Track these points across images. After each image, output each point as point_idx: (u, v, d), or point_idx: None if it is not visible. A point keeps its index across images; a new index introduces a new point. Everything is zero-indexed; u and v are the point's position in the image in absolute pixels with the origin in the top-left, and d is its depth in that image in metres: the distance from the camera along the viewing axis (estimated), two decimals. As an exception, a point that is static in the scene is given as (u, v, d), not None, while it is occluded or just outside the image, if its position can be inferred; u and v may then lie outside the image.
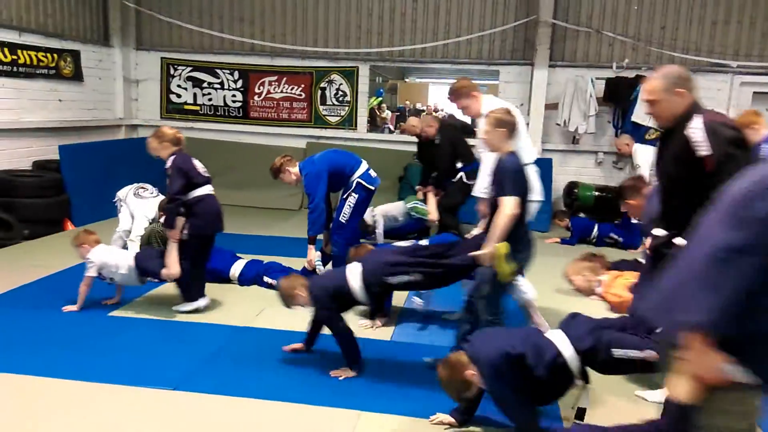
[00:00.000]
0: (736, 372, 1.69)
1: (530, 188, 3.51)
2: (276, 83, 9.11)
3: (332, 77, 8.96)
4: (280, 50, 8.89)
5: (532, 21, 8.25)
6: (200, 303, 4.52)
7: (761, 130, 4.43)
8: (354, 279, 3.48)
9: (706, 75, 8.03)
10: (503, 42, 8.57)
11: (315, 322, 3.77)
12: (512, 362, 2.73)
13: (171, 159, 4.30)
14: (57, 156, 7.27)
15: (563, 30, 8.27)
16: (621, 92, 7.95)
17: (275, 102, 9.16)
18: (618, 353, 2.77)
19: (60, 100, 7.92)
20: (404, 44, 8.69)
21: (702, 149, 2.58)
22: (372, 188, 5.06)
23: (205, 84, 9.27)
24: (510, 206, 3.24)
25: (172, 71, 9.32)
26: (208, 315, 4.50)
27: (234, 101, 9.26)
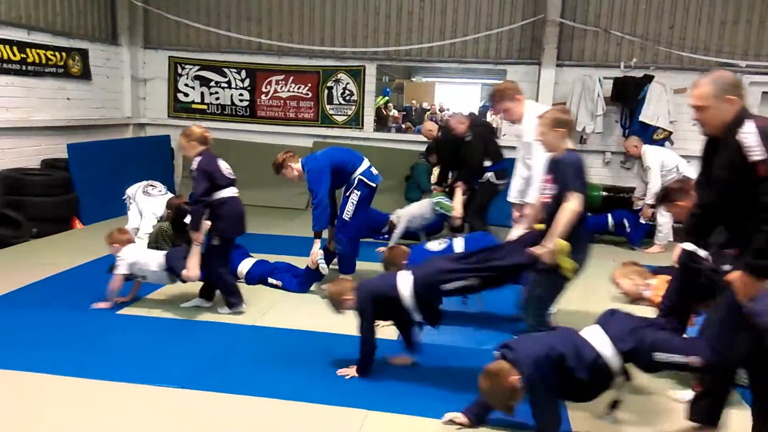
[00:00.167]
0: None
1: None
2: (283, 82, 9.12)
3: (339, 76, 8.97)
4: (287, 49, 8.90)
5: (540, 20, 8.23)
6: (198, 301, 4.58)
7: None
8: (404, 286, 3.40)
9: (715, 75, 7.97)
10: (510, 41, 8.55)
11: (401, 329, 3.72)
12: (553, 365, 2.71)
13: (197, 160, 4.28)
14: (65, 154, 7.31)
15: (571, 29, 8.24)
16: (629, 92, 7.92)
17: (282, 101, 9.17)
18: (660, 357, 2.75)
19: (68, 99, 7.96)
20: (411, 43, 8.68)
21: (756, 154, 2.53)
22: (373, 185, 5.07)
23: (213, 83, 9.29)
24: (574, 202, 3.17)
25: (180, 70, 9.35)
26: (214, 314, 4.51)
27: (241, 100, 9.28)
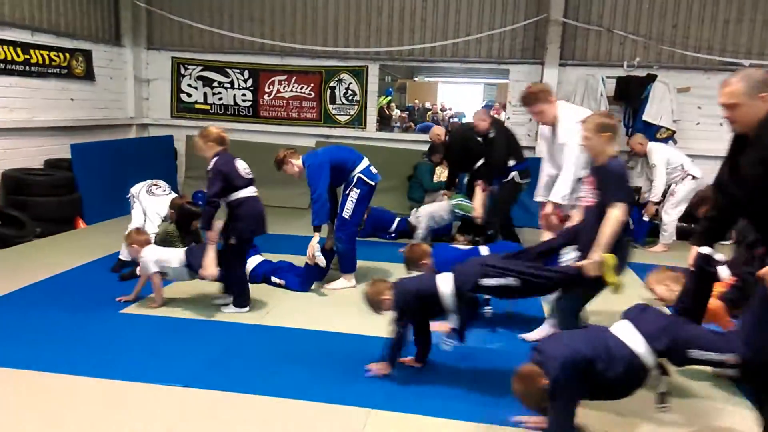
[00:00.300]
0: None
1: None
2: (286, 82, 9.13)
3: (342, 76, 8.97)
4: (290, 50, 8.91)
5: (543, 20, 8.22)
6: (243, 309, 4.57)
7: None
8: (445, 284, 3.36)
9: (719, 74, 7.95)
10: (513, 41, 8.54)
11: (419, 333, 3.68)
12: (580, 369, 2.67)
13: (213, 160, 4.29)
14: (69, 155, 7.33)
15: (574, 28, 8.23)
16: (632, 91, 7.90)
17: (285, 101, 9.18)
18: (695, 354, 2.72)
19: (72, 100, 7.98)
20: (414, 43, 8.68)
21: None
22: (373, 183, 5.14)
23: (216, 83, 9.30)
24: (619, 213, 3.15)
25: (183, 71, 9.36)
26: (218, 313, 4.52)
27: (244, 100, 9.29)
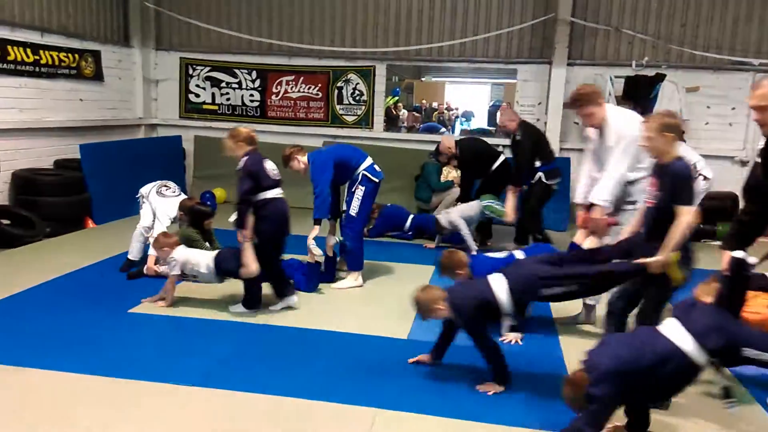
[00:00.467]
0: None
1: None
2: (293, 83, 9.15)
3: (349, 76, 8.98)
4: (298, 50, 8.92)
5: (551, 19, 8.19)
6: (280, 305, 4.61)
7: None
8: (500, 290, 3.33)
9: (727, 73, 7.93)
10: (521, 40, 8.52)
11: (446, 333, 3.66)
12: (623, 376, 2.66)
13: (243, 160, 4.35)
14: (78, 155, 7.37)
15: (582, 28, 8.20)
16: (640, 91, 7.87)
17: (292, 101, 9.20)
18: (749, 353, 2.71)
19: (81, 100, 8.03)
20: (421, 43, 8.67)
21: None
22: (377, 180, 5.24)
23: (224, 84, 9.34)
24: (688, 216, 3.13)
25: (191, 71, 9.40)
26: (226, 313, 4.54)
27: (252, 101, 9.31)
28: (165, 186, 5.59)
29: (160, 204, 5.40)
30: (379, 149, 8.18)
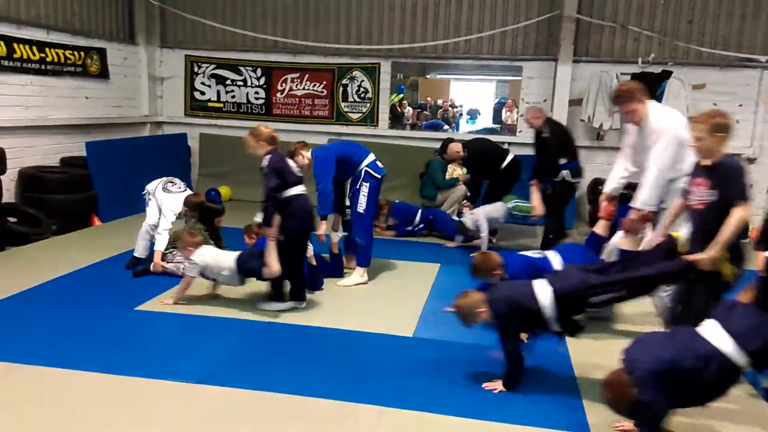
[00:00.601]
0: None
1: None
2: (298, 80, 9.14)
3: (354, 74, 8.97)
4: (302, 47, 8.92)
5: (556, 16, 8.16)
6: (290, 304, 4.58)
7: None
8: (544, 296, 3.27)
9: (734, 70, 7.88)
10: (526, 37, 8.49)
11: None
12: (667, 375, 2.63)
13: (267, 158, 4.38)
14: (84, 152, 7.39)
15: (587, 25, 8.17)
16: (647, 88, 7.82)
17: (297, 99, 9.20)
18: None
19: (87, 98, 8.04)
20: (426, 40, 8.65)
21: None
22: (379, 177, 5.29)
23: (229, 81, 9.34)
24: (743, 211, 3.11)
25: (196, 69, 9.41)
26: (231, 310, 4.54)
27: (257, 98, 9.32)
28: (171, 182, 5.60)
29: (166, 200, 5.41)
30: (384, 147, 8.18)
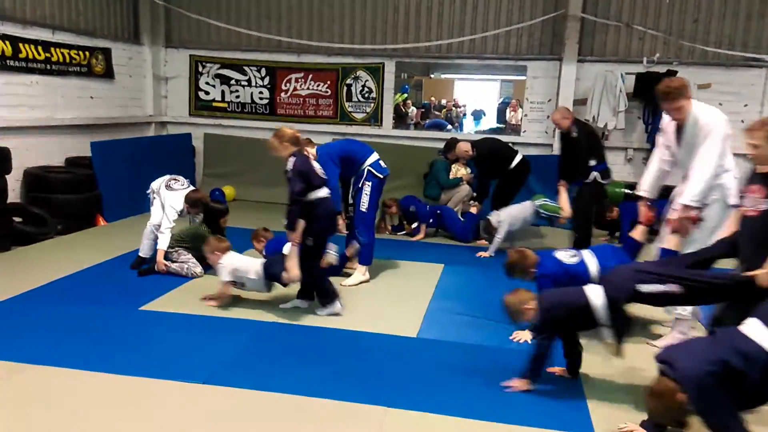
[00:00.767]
0: None
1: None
2: (302, 80, 9.15)
3: (358, 74, 8.97)
4: (307, 47, 8.92)
5: (561, 15, 8.14)
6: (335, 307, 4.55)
7: None
8: (595, 295, 3.25)
9: (739, 70, 7.85)
10: (531, 37, 8.48)
11: (569, 347, 3.54)
12: (719, 376, 2.59)
13: (292, 161, 4.31)
14: (89, 152, 7.41)
15: (592, 24, 8.15)
16: (651, 87, 7.79)
17: (302, 99, 9.20)
18: None
19: (92, 98, 8.06)
20: (430, 40, 8.65)
21: None
22: (382, 176, 5.31)
23: (233, 81, 9.35)
24: None
25: (201, 68, 9.42)
26: (237, 311, 4.55)
27: (261, 98, 9.33)
28: (174, 179, 5.60)
29: (169, 197, 5.41)
30: (388, 146, 8.18)
